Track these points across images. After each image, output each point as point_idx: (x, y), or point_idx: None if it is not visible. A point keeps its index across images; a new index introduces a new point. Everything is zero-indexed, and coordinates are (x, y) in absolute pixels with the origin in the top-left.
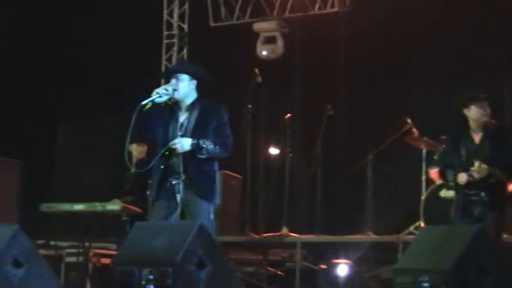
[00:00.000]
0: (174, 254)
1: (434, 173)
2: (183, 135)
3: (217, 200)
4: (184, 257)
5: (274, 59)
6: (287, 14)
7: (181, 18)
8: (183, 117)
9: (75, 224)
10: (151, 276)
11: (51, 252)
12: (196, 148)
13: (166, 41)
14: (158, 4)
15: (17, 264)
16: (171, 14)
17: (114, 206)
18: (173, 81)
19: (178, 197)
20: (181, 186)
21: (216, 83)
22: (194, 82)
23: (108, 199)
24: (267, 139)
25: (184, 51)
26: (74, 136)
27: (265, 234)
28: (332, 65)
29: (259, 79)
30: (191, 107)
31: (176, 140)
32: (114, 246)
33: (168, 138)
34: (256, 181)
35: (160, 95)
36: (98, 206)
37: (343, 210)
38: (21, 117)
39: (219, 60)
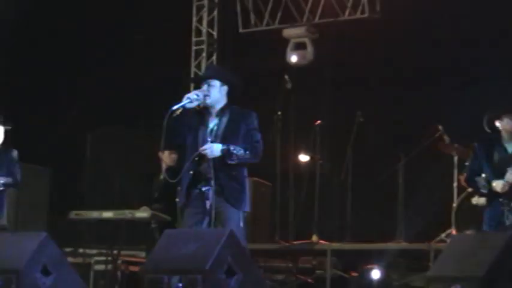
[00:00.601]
0: (204, 262)
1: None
2: (213, 141)
3: (247, 207)
4: (214, 265)
5: (304, 65)
6: (317, 19)
7: (210, 24)
8: (212, 123)
9: (103, 232)
10: (180, 284)
11: (80, 260)
12: (226, 154)
13: (195, 47)
14: (187, 11)
15: (45, 272)
16: (200, 21)
17: (143, 213)
18: (204, 86)
19: (208, 203)
20: (210, 193)
21: (246, 88)
22: (225, 88)
23: (137, 206)
24: (297, 146)
25: (214, 57)
26: (103, 144)
27: (295, 242)
28: (362, 71)
29: (289, 85)
30: (221, 113)
31: (206, 146)
32: (143, 253)
33: (197, 143)
34: (286, 188)
35: (191, 100)
36: (126, 214)
37: (374, 218)
38: (52, 125)
39: (248, 66)
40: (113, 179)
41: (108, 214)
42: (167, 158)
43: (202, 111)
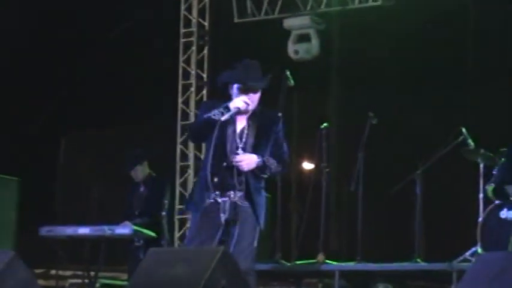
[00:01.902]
0: (194, 285)
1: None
2: (243, 149)
3: (263, 224)
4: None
5: (308, 59)
6: (323, 8)
7: (201, 13)
8: (240, 126)
9: (79, 251)
10: None
11: (53, 283)
12: (261, 167)
13: (183, 40)
14: None
15: None
16: (189, 9)
17: (124, 229)
18: (251, 96)
19: (223, 217)
20: (227, 206)
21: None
22: (260, 91)
23: (117, 222)
24: (300, 152)
25: (205, 51)
26: (79, 150)
27: (298, 262)
28: (375, 66)
29: (291, 83)
30: (251, 117)
31: (241, 157)
32: (124, 275)
33: (224, 148)
34: (288, 200)
35: (239, 109)
36: (105, 230)
37: (388, 234)
38: (20, 130)
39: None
40: (89, 190)
41: (84, 230)
42: (139, 170)
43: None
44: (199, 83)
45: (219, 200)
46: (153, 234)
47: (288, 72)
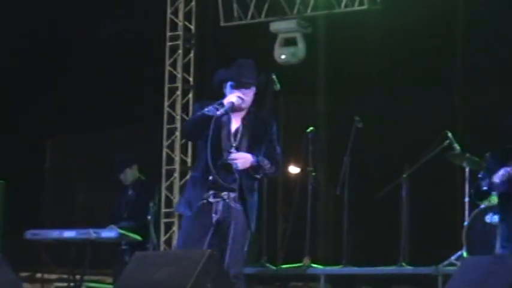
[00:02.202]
0: None
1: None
2: (237, 148)
3: (254, 226)
4: None
5: (295, 63)
6: (309, 12)
7: (187, 17)
8: (235, 126)
9: (65, 254)
10: None
11: (38, 286)
12: (256, 167)
13: (170, 43)
14: (161, 2)
15: None
16: (175, 13)
17: (110, 233)
18: (245, 91)
19: (215, 217)
20: (220, 206)
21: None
22: (254, 89)
23: (103, 225)
24: (287, 156)
25: (191, 54)
26: (65, 154)
27: (284, 265)
28: (361, 70)
29: (277, 87)
30: (245, 116)
31: (237, 155)
32: (110, 279)
33: (219, 147)
34: (274, 204)
35: (233, 104)
36: (91, 233)
37: (374, 238)
38: (5, 132)
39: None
40: (75, 193)
41: (70, 234)
42: (129, 172)
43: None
44: (185, 86)
45: (212, 200)
46: (139, 237)
47: (274, 76)
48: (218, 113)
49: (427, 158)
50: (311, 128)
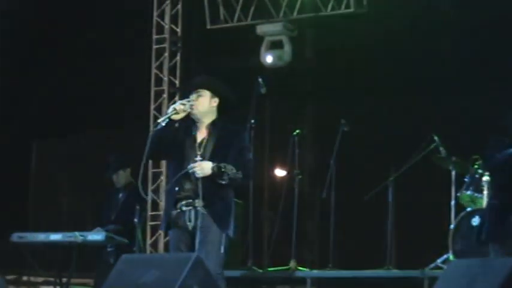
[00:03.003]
0: None
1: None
2: (202, 158)
3: (232, 232)
4: None
5: (281, 66)
6: (295, 15)
7: (173, 20)
8: (200, 137)
9: (51, 257)
10: None
11: None
12: (217, 173)
13: (156, 46)
14: (146, 4)
15: None
16: (161, 16)
17: (96, 236)
18: (193, 96)
19: (190, 225)
20: (192, 214)
21: (238, 103)
22: (216, 100)
23: (89, 228)
24: (273, 159)
25: (178, 57)
26: (51, 156)
27: (270, 269)
28: (347, 73)
29: (264, 90)
30: (210, 127)
31: (196, 164)
32: None
33: (183, 159)
34: (260, 207)
35: (176, 111)
36: (77, 236)
37: (360, 241)
38: None
39: (217, 67)
40: (61, 196)
41: (56, 237)
42: (121, 175)
43: (189, 124)
44: (171, 89)
45: (184, 208)
46: (125, 240)
47: (260, 79)
48: (161, 120)
49: (413, 161)
50: (297, 131)
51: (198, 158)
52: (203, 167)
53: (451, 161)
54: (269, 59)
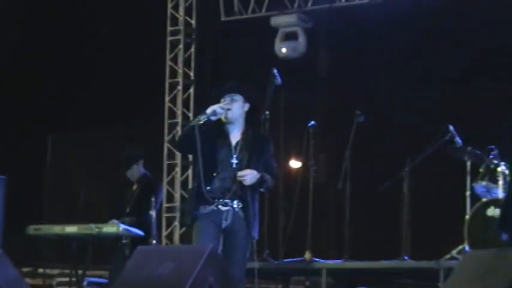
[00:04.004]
0: (181, 284)
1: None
2: (238, 161)
3: (257, 233)
4: (193, 287)
5: (295, 58)
6: (309, 6)
7: (188, 12)
8: (234, 140)
9: (67, 249)
10: None
11: (40, 281)
12: (260, 182)
13: (170, 38)
14: None
15: None
16: (176, 8)
17: (112, 228)
18: (227, 100)
19: (224, 224)
20: (230, 214)
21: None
22: (247, 105)
23: (105, 220)
24: (288, 150)
25: (192, 49)
26: (67, 149)
27: (285, 260)
28: (362, 64)
29: (278, 81)
30: (244, 133)
31: (246, 172)
32: None
33: (217, 159)
34: (275, 198)
35: (216, 113)
36: (93, 228)
37: (375, 232)
38: (7, 127)
39: (232, 59)
40: (77, 188)
41: (71, 229)
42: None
43: (221, 127)
44: (186, 81)
45: (222, 208)
46: (140, 232)
47: (275, 71)
48: (201, 122)
49: (428, 152)
50: (312, 122)
51: (234, 161)
52: (252, 177)
53: (466, 152)
54: (284, 50)
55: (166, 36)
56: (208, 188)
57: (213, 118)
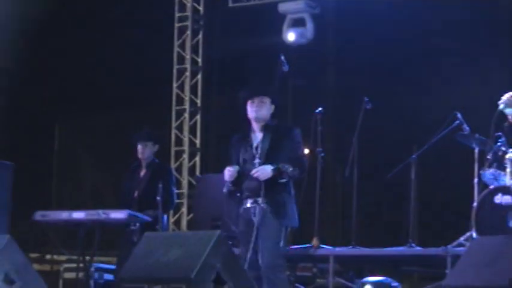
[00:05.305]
0: (189, 269)
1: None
2: (260, 160)
3: (295, 221)
4: (200, 273)
5: (303, 44)
6: None
7: None
8: (256, 140)
9: (74, 235)
10: None
11: (48, 267)
12: (277, 173)
13: (178, 24)
14: None
15: (8, 280)
16: None
17: (119, 214)
18: (255, 101)
19: (255, 220)
20: (257, 210)
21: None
22: (273, 106)
23: (112, 206)
24: None
25: (200, 36)
26: (74, 136)
27: (292, 246)
28: (370, 50)
29: (286, 67)
30: (264, 130)
31: (259, 168)
32: None
33: (242, 162)
34: None
35: (232, 178)
36: (100, 214)
37: (383, 219)
38: (15, 114)
39: (240, 46)
40: (84, 174)
41: (79, 215)
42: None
43: (245, 129)
44: (193, 67)
45: (249, 205)
46: (148, 218)
47: (282, 57)
48: (229, 187)
49: (436, 139)
50: (320, 109)
51: (257, 160)
52: (265, 172)
53: (474, 138)
54: (291, 36)
55: (174, 23)
56: (238, 195)
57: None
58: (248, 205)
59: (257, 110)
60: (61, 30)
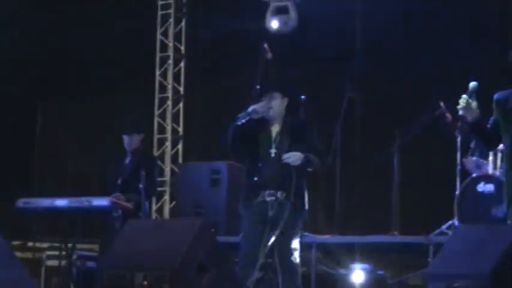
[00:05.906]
0: (172, 258)
1: (470, 163)
2: (276, 153)
3: (307, 214)
4: (184, 261)
5: (286, 32)
6: None
7: None
8: (275, 132)
9: (56, 222)
10: (145, 282)
11: (29, 255)
12: (306, 162)
13: (161, 12)
14: None
15: None
16: None
17: (102, 201)
18: (266, 99)
19: (271, 213)
20: (274, 204)
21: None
22: (286, 100)
23: (95, 194)
24: None
25: (183, 23)
26: (56, 119)
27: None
28: (352, 39)
29: (269, 55)
30: (283, 123)
31: (289, 154)
32: None
33: (259, 152)
34: None
35: (258, 112)
36: (83, 201)
37: (365, 207)
38: None
39: (222, 33)
40: (67, 160)
41: (61, 202)
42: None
43: (261, 120)
44: (176, 55)
45: (267, 199)
46: (130, 206)
47: (265, 45)
48: (243, 120)
49: (419, 127)
50: (302, 97)
51: (273, 150)
52: (297, 157)
53: (457, 127)
54: (274, 24)
55: (157, 10)
56: (255, 179)
57: (255, 117)
58: (266, 198)
59: (268, 110)
60: (46, 14)
